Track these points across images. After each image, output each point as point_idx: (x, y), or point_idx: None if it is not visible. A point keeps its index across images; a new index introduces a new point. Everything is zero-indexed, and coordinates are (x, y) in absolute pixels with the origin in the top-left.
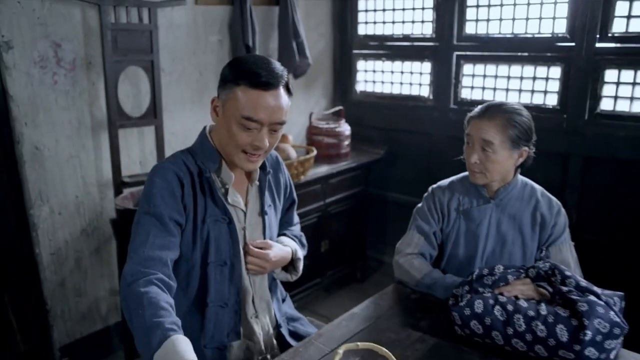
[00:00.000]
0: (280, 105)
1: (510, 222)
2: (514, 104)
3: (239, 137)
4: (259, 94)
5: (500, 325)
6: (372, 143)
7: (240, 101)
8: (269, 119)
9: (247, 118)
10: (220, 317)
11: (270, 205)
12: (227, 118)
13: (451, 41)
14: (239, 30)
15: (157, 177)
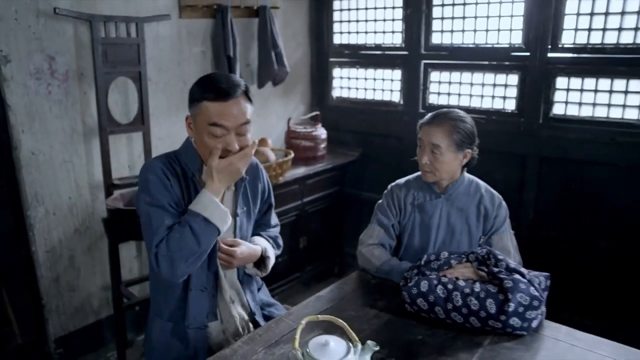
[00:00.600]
0: (241, 111)
1: (458, 214)
2: (459, 112)
3: (211, 144)
4: (221, 104)
5: (442, 302)
6: (348, 146)
7: (206, 113)
8: (233, 123)
9: (214, 124)
10: (201, 300)
11: (243, 209)
12: (198, 131)
13: (419, 50)
14: (220, 41)
15: (150, 174)
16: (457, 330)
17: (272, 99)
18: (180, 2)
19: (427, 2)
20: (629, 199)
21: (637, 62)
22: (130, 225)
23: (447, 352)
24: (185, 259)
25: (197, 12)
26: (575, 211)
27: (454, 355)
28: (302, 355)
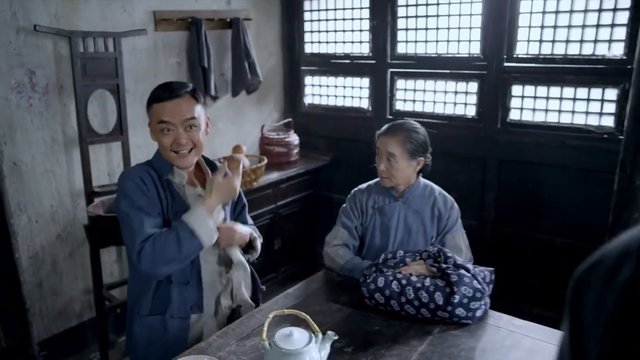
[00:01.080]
0: (186, 108)
1: (415, 216)
2: (413, 124)
3: (163, 140)
4: (164, 104)
5: (396, 296)
6: (319, 150)
7: (155, 114)
8: (178, 119)
9: (161, 122)
10: (184, 292)
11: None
12: (154, 132)
13: (385, 59)
14: (195, 53)
15: (127, 180)
16: (410, 320)
17: (247, 107)
18: (155, 16)
19: (392, 14)
20: (578, 198)
21: (582, 72)
22: (111, 231)
23: (401, 340)
24: (166, 262)
25: (172, 25)
26: (532, 210)
27: (407, 343)
28: (269, 345)
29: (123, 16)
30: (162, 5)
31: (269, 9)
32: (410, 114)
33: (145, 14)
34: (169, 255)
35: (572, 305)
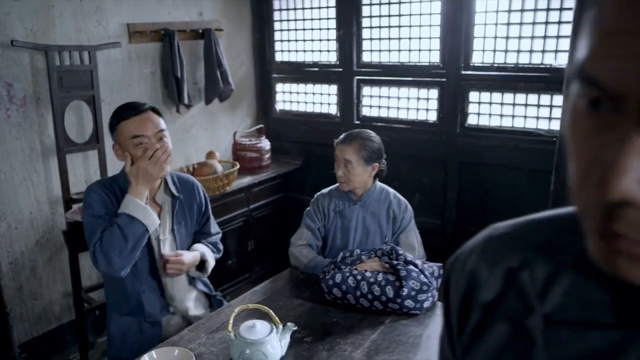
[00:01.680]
0: (154, 121)
1: (372, 218)
2: (368, 133)
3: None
4: (135, 118)
5: (352, 290)
6: (290, 155)
7: (126, 131)
8: (152, 131)
9: (135, 137)
10: (154, 299)
11: (180, 223)
12: (126, 149)
13: (352, 67)
14: (168, 63)
15: (91, 193)
16: (364, 312)
17: (220, 114)
18: (129, 29)
19: (357, 25)
20: (530, 197)
21: (532, 79)
22: None
23: (355, 330)
24: (117, 253)
25: (146, 37)
26: (491, 209)
27: (361, 332)
28: (235, 336)
29: (98, 29)
30: (135, 18)
31: (240, 19)
32: (376, 119)
33: (119, 27)
34: (117, 246)
35: (443, 290)
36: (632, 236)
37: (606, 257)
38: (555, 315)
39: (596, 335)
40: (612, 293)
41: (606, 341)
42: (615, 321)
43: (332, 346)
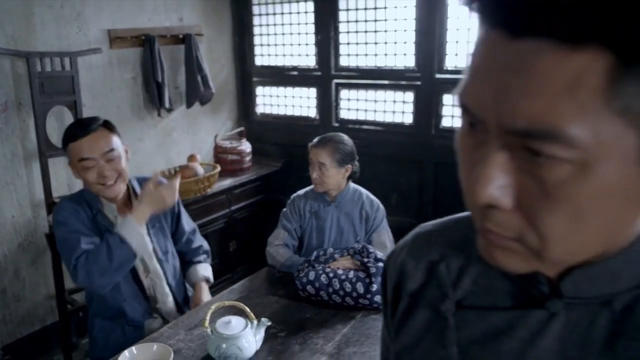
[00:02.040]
0: (103, 140)
1: (346, 218)
2: (341, 136)
3: (88, 176)
4: (81, 140)
5: (325, 287)
6: (271, 157)
7: (74, 153)
8: (98, 153)
9: (82, 159)
10: (136, 305)
11: (155, 226)
12: (77, 170)
13: (330, 71)
14: (149, 68)
15: (63, 210)
16: (337, 308)
17: (201, 117)
18: (110, 35)
19: (335, 30)
20: None
21: None
22: None
23: (328, 325)
24: (101, 274)
25: (127, 42)
26: (464, 208)
27: (333, 327)
28: (211, 332)
29: (79, 35)
30: (116, 23)
31: (220, 24)
32: (353, 121)
33: (100, 33)
34: (102, 266)
35: (382, 281)
36: (499, 232)
37: (485, 251)
38: (465, 301)
39: (496, 316)
40: (509, 281)
41: (503, 320)
42: (511, 304)
43: (305, 340)
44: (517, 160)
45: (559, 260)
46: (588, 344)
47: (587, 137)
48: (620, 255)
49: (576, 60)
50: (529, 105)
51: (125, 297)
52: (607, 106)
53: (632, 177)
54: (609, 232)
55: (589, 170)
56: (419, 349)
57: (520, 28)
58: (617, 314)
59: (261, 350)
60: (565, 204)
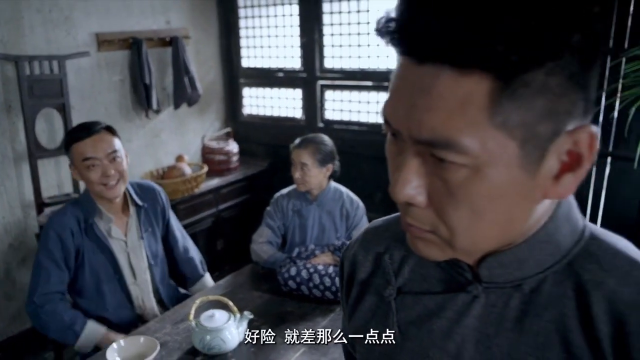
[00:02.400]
0: (106, 142)
1: (327, 216)
2: (322, 137)
3: (90, 175)
4: (84, 142)
5: (306, 282)
6: (258, 157)
7: (78, 153)
8: (102, 153)
9: (86, 159)
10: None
11: (147, 230)
12: (80, 171)
13: (315, 73)
14: (137, 70)
15: (50, 231)
16: (317, 302)
17: (189, 118)
18: (98, 38)
19: (319, 32)
20: None
21: None
22: None
23: (308, 318)
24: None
25: (114, 45)
26: None
27: (313, 319)
28: (195, 325)
29: (67, 39)
30: (103, 27)
31: (207, 27)
32: (338, 122)
33: (88, 36)
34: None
35: (339, 271)
36: (417, 225)
37: (410, 242)
38: (404, 287)
39: (429, 300)
40: (440, 269)
41: (435, 303)
42: (441, 289)
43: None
44: (428, 165)
45: (467, 249)
46: (502, 321)
47: (476, 146)
48: (524, 244)
49: (465, 83)
50: (430, 120)
51: (108, 307)
52: (491, 121)
53: (518, 179)
54: (505, 225)
55: (481, 174)
56: (367, 330)
57: (423, 56)
58: (526, 296)
59: (243, 342)
60: (465, 202)
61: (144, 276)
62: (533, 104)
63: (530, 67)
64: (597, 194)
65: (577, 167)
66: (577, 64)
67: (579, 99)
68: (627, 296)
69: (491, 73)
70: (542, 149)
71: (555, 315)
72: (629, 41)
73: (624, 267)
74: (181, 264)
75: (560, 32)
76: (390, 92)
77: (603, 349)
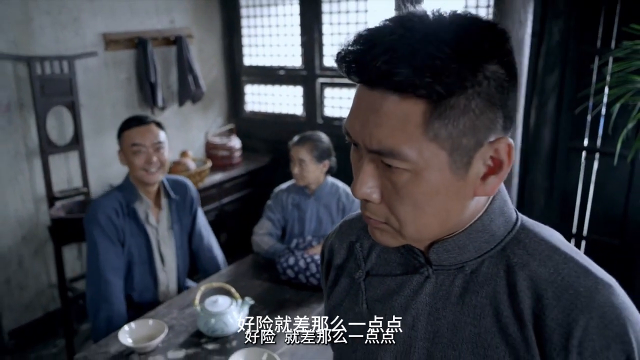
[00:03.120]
0: (153, 133)
1: (324, 209)
2: (319, 134)
3: (136, 160)
4: (136, 129)
5: (303, 271)
6: (259, 153)
7: (128, 139)
8: (149, 141)
9: (134, 144)
10: (144, 295)
11: (178, 222)
12: (126, 155)
13: (315, 71)
14: (143, 69)
15: (100, 211)
16: (313, 290)
17: (193, 115)
18: (105, 38)
19: (319, 31)
20: None
21: None
22: (72, 230)
23: (305, 304)
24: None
25: (121, 45)
26: None
27: (309, 306)
28: (200, 310)
29: (75, 39)
30: (110, 27)
31: (210, 26)
32: (337, 119)
33: (95, 37)
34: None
35: (320, 259)
36: (373, 218)
37: (371, 232)
38: (372, 271)
39: (391, 281)
40: (400, 255)
41: (396, 283)
42: (401, 271)
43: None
44: (380, 170)
45: (414, 237)
46: (449, 297)
47: (414, 155)
48: (464, 233)
49: (405, 106)
50: (378, 134)
51: (136, 287)
52: (425, 135)
53: (449, 181)
54: (443, 217)
55: (419, 177)
56: (342, 308)
57: (372, 84)
58: (468, 276)
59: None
60: (409, 199)
61: (172, 264)
62: (458, 121)
63: (453, 93)
64: (586, 189)
65: (499, 170)
66: (494, 89)
67: (498, 116)
68: (545, 275)
69: (423, 98)
70: (468, 157)
71: (489, 292)
72: (616, 42)
73: (544, 251)
74: (204, 260)
75: (476, 65)
76: (350, 110)
77: (525, 318)
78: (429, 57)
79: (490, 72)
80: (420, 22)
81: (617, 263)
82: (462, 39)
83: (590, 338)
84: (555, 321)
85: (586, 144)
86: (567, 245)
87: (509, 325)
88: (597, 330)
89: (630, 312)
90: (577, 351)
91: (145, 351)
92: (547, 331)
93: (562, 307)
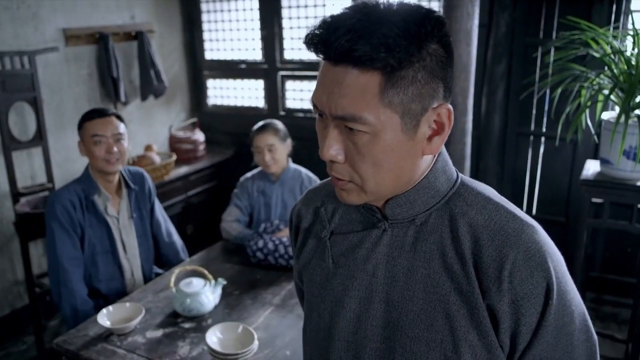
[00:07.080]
0: (114, 124)
1: (289, 193)
2: (273, 120)
3: (97, 151)
4: (97, 121)
5: (272, 253)
6: (223, 146)
7: (88, 130)
8: (110, 132)
9: (95, 135)
10: (111, 285)
11: (137, 211)
12: (86, 146)
13: (275, 64)
14: (104, 64)
15: (57, 203)
16: (282, 270)
17: (156, 109)
18: (65, 33)
19: (279, 25)
20: None
21: None
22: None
23: (275, 283)
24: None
25: (82, 40)
26: None
27: (279, 284)
28: (176, 291)
29: (35, 35)
30: (70, 22)
31: (171, 21)
32: (299, 110)
33: (55, 32)
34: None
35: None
36: (339, 177)
37: (337, 193)
38: (336, 230)
39: (353, 237)
40: (360, 214)
41: (357, 238)
42: (361, 228)
43: (256, 295)
44: (343, 134)
45: (374, 192)
46: (403, 246)
47: (372, 119)
48: (413, 190)
49: (364, 78)
50: (342, 103)
51: (101, 278)
52: (381, 102)
53: (402, 140)
54: (398, 173)
55: (377, 137)
56: (310, 265)
57: (335, 61)
58: (418, 227)
59: (219, 305)
60: (369, 157)
61: (134, 251)
62: (407, 90)
63: (403, 66)
64: (534, 172)
65: (442, 131)
66: (435, 64)
67: (440, 86)
68: (481, 221)
69: (379, 71)
70: (416, 120)
71: (436, 239)
72: (556, 32)
73: (480, 202)
74: (164, 247)
75: (421, 43)
76: (316, 84)
77: (466, 257)
78: (383, 36)
79: (432, 49)
80: (374, 9)
81: (563, 238)
82: (409, 22)
83: (517, 269)
84: (490, 257)
85: (533, 128)
86: (499, 196)
87: (453, 265)
88: (523, 262)
89: (549, 247)
90: (508, 280)
91: (124, 332)
92: (484, 266)
93: (495, 246)
